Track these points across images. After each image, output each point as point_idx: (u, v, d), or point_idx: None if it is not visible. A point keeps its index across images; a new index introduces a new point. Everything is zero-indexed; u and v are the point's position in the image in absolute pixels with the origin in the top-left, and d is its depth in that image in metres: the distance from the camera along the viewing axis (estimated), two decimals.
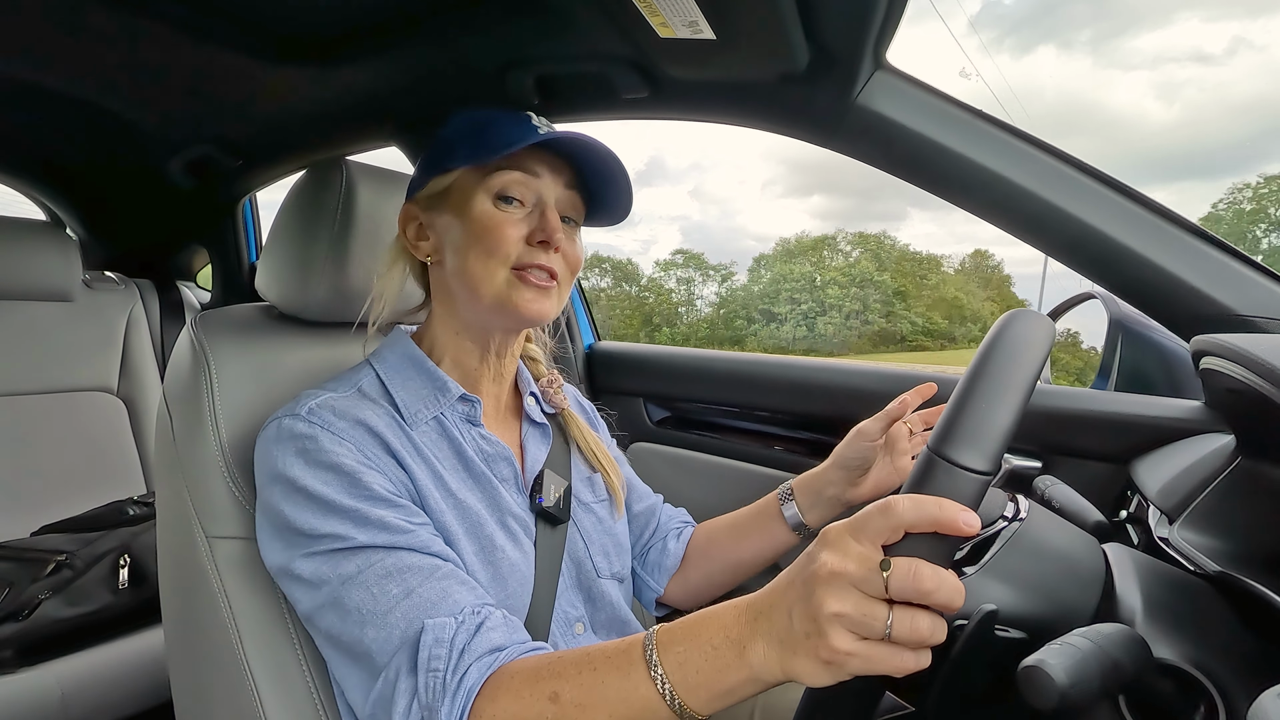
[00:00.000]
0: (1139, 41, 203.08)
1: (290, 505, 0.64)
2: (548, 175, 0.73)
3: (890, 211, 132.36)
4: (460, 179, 0.73)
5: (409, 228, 0.77)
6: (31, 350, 1.59)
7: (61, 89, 1.33)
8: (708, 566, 0.94)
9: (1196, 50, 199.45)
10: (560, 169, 0.74)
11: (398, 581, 0.61)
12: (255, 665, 0.70)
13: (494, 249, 0.70)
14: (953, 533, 0.43)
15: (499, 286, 0.71)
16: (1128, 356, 1.18)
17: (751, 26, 0.78)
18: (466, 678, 0.56)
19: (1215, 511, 0.70)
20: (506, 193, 0.72)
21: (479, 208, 0.71)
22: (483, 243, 0.71)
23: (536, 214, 0.72)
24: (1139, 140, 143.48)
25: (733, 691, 0.49)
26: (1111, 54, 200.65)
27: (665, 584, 0.94)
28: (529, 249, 0.71)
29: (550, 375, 0.88)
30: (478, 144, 0.72)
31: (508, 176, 0.71)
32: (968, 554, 0.66)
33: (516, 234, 0.71)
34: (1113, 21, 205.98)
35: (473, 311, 0.75)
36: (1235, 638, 0.56)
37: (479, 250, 0.71)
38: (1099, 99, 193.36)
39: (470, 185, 0.72)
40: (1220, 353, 0.68)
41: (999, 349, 0.50)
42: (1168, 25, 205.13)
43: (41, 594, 1.22)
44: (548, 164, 0.73)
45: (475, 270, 0.71)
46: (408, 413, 0.72)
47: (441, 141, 0.76)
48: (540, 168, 0.73)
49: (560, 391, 0.88)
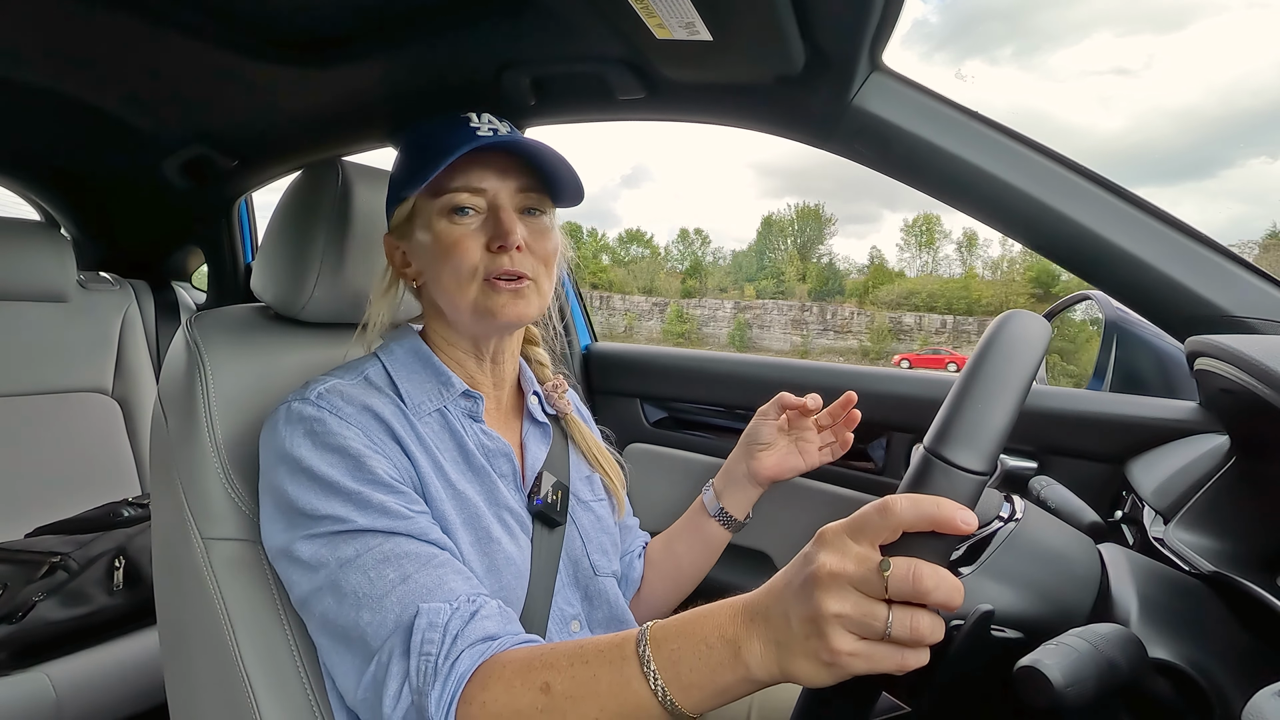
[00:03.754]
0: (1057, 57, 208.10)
1: (294, 484, 0.64)
2: (494, 181, 0.73)
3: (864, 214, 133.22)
4: (417, 202, 0.75)
5: (395, 256, 0.79)
6: (26, 351, 1.58)
7: (56, 90, 1.32)
8: (651, 575, 0.95)
9: (1117, 65, 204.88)
10: (508, 171, 0.74)
11: (395, 567, 0.61)
12: (250, 666, 0.70)
13: (459, 264, 0.72)
14: (950, 532, 0.43)
15: (473, 298, 0.72)
16: (1123, 357, 1.19)
17: (748, 28, 0.79)
18: (459, 663, 0.56)
19: (1210, 512, 0.71)
20: (456, 205, 0.72)
21: (437, 226, 0.73)
22: (449, 260, 0.72)
23: (492, 219, 0.73)
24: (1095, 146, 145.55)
25: (727, 691, 0.49)
26: (1037, 68, 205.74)
27: (630, 599, 0.95)
28: (492, 256, 0.72)
29: (556, 380, 0.89)
30: (420, 163, 0.73)
31: (456, 196, 0.72)
32: (964, 554, 0.66)
33: (476, 244, 0.72)
34: (1029, 39, 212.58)
35: (459, 323, 0.77)
36: (1230, 637, 0.56)
37: (448, 268, 0.72)
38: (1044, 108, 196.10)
39: (425, 206, 0.74)
40: (1214, 354, 0.69)
41: (995, 349, 0.50)
42: (1082, 41, 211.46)
43: (36, 595, 1.21)
44: (495, 170, 0.73)
45: (449, 287, 0.73)
46: (411, 403, 0.73)
47: (396, 171, 0.78)
48: (487, 176, 0.73)
49: (564, 397, 0.88)
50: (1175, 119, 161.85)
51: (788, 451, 0.88)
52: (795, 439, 0.89)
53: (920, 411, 1.22)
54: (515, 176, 0.74)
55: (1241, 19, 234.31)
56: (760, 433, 0.88)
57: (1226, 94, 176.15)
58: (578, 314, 1.71)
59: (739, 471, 0.90)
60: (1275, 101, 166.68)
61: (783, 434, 0.89)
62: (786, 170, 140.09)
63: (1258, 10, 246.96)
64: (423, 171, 0.72)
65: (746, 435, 0.90)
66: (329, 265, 0.82)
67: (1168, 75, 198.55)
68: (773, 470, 0.88)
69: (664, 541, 0.96)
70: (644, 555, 0.97)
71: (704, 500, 0.93)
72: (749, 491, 0.90)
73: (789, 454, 0.88)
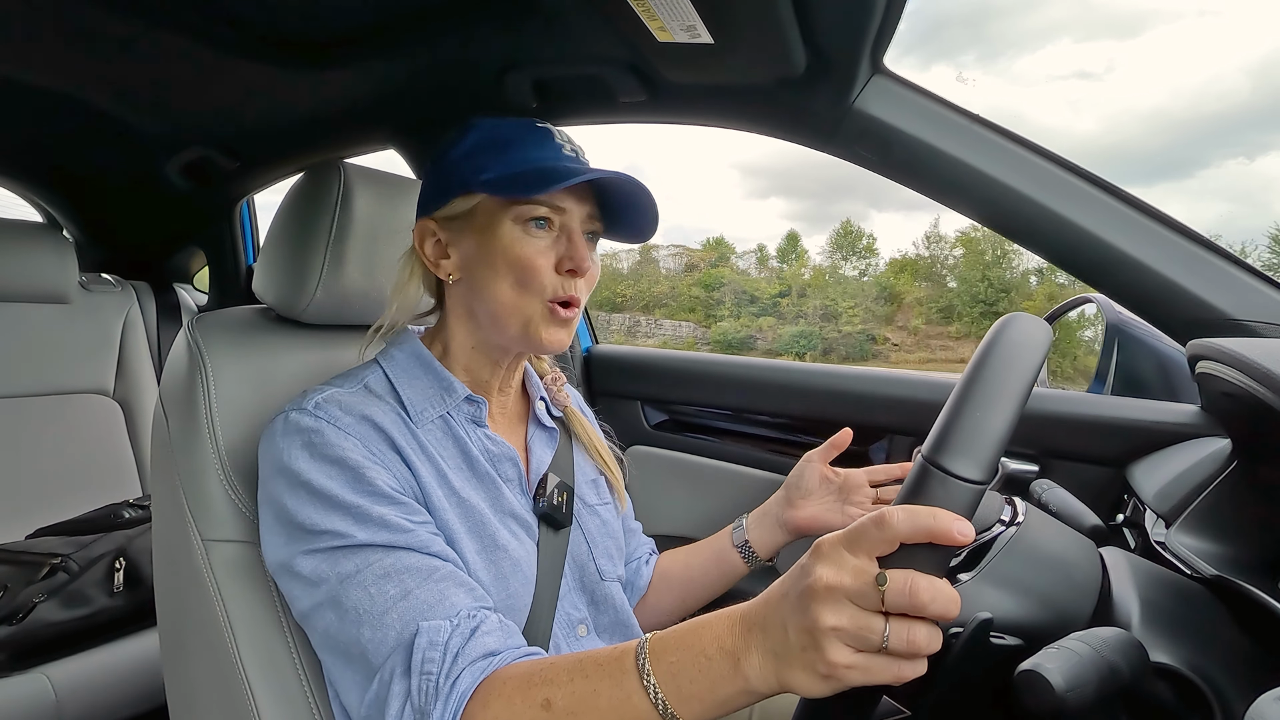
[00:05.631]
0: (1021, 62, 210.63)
1: (293, 498, 0.64)
2: (573, 202, 0.71)
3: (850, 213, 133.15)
4: (484, 202, 0.71)
5: (427, 244, 0.75)
6: (27, 352, 1.58)
7: (59, 91, 1.33)
8: (661, 587, 0.94)
9: (1080, 69, 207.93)
10: (585, 195, 0.72)
11: (395, 582, 0.60)
12: (250, 669, 0.70)
13: (528, 282, 0.69)
14: (947, 543, 0.43)
15: (529, 318, 0.70)
16: (1124, 361, 1.19)
17: (749, 31, 0.79)
18: (459, 682, 0.56)
19: (1212, 515, 0.70)
20: (536, 215, 0.70)
21: (507, 235, 0.69)
22: (515, 274, 0.69)
23: (564, 239, 0.71)
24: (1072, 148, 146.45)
25: (727, 703, 0.49)
26: (1003, 72, 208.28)
27: (634, 604, 0.94)
28: (559, 279, 0.70)
29: (554, 373, 0.88)
30: (505, 170, 0.70)
31: (538, 209, 0.69)
32: (964, 559, 0.66)
33: (547, 263, 0.70)
34: (991, 44, 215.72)
35: (493, 334, 0.74)
36: (1232, 641, 0.56)
37: (512, 281, 0.69)
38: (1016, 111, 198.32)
39: (496, 209, 0.70)
40: (1216, 357, 0.68)
41: (994, 354, 0.49)
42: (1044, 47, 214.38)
43: (37, 597, 1.21)
44: (577, 191, 0.71)
45: (506, 300, 0.70)
46: (414, 410, 0.72)
47: (462, 158, 0.73)
48: (569, 197, 0.71)
49: (563, 390, 0.87)
50: (1146, 121, 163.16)
51: (829, 508, 0.85)
52: (844, 497, 0.85)
53: (921, 413, 1.22)
54: (589, 203, 0.73)
55: (1195, 25, 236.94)
56: (805, 480, 0.86)
57: (1194, 97, 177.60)
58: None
59: (772, 512, 0.88)
60: (1242, 104, 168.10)
61: (829, 487, 0.86)
62: (771, 170, 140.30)
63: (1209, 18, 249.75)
64: (517, 183, 0.68)
65: (790, 478, 0.88)
66: (331, 267, 0.82)
67: (1131, 79, 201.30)
68: (807, 522, 0.85)
69: (682, 557, 0.95)
70: (654, 565, 0.96)
71: (732, 529, 0.91)
72: (777, 535, 0.88)
73: (830, 510, 0.85)
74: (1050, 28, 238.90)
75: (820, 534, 0.85)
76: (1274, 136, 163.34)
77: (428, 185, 0.77)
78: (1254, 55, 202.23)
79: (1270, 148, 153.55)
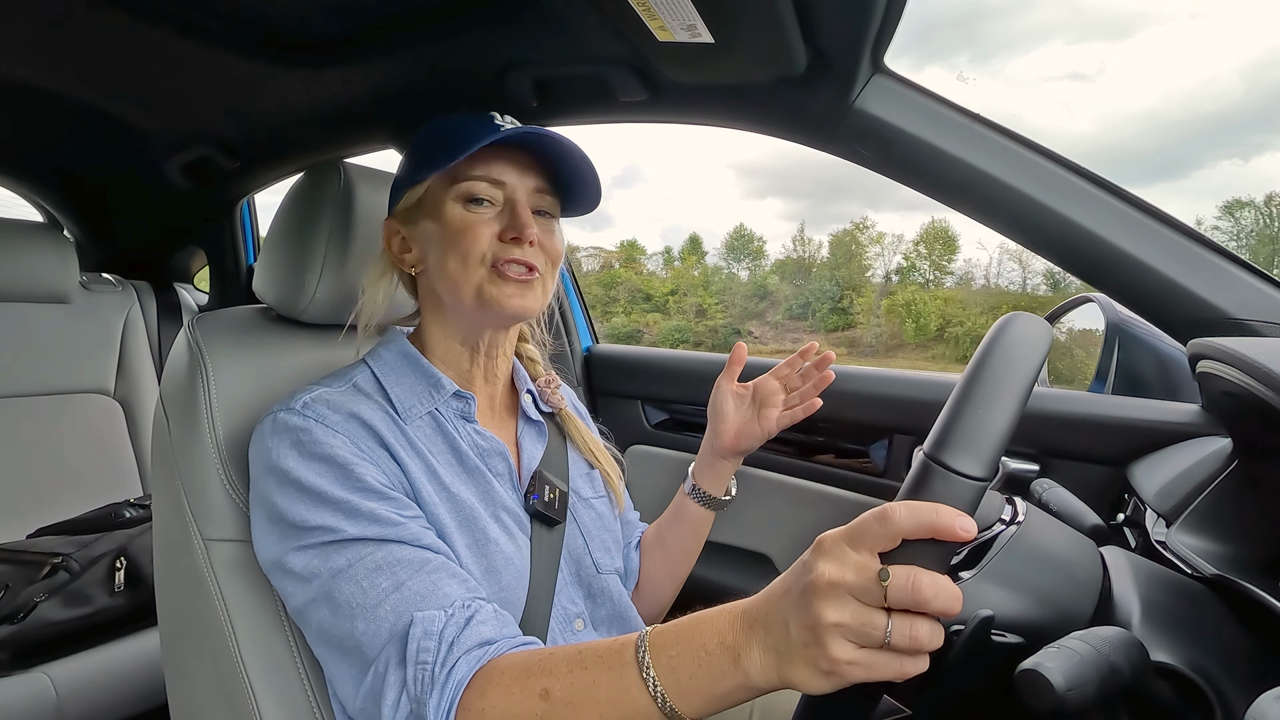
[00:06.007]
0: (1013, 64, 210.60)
1: (283, 496, 0.64)
2: (514, 177, 0.74)
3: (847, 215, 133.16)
4: (431, 187, 0.75)
5: (393, 242, 0.79)
6: (28, 352, 1.58)
7: (59, 90, 1.33)
8: (645, 562, 0.96)
9: (1072, 70, 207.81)
10: (527, 169, 0.75)
11: (387, 575, 0.61)
12: (251, 668, 0.70)
13: (469, 249, 0.72)
14: (949, 539, 0.43)
15: (478, 284, 0.72)
16: (1125, 360, 1.18)
17: (749, 30, 0.79)
18: (455, 671, 0.56)
19: (1212, 514, 0.70)
20: (474, 194, 0.73)
21: (450, 212, 0.73)
22: (458, 245, 0.72)
23: (507, 211, 0.73)
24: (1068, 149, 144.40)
25: (727, 697, 0.49)
26: (996, 74, 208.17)
27: (631, 591, 0.95)
28: (503, 245, 0.72)
29: (548, 376, 0.89)
30: (443, 149, 0.73)
31: (474, 185, 0.73)
32: (965, 558, 0.66)
33: (489, 232, 0.72)
34: (983, 46, 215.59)
35: (458, 313, 0.76)
36: (1232, 641, 0.56)
37: (455, 252, 0.72)
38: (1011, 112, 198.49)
39: (440, 192, 0.74)
40: (1216, 356, 0.68)
41: (995, 353, 0.50)
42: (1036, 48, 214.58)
43: (38, 596, 1.21)
44: (515, 166, 0.74)
45: (454, 271, 0.72)
46: (402, 408, 0.73)
47: (411, 154, 0.78)
48: (507, 171, 0.74)
49: (558, 392, 0.88)
50: (1140, 122, 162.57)
51: (747, 420, 0.87)
52: (759, 406, 0.87)
53: (922, 413, 1.22)
54: (534, 176, 0.75)
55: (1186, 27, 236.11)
56: (718, 404, 0.88)
57: (1187, 99, 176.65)
58: (579, 315, 1.71)
59: (708, 449, 0.90)
60: (1235, 106, 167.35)
61: (742, 402, 0.88)
62: (768, 170, 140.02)
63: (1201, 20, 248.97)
64: (445, 155, 0.72)
65: (709, 410, 0.90)
66: (331, 266, 0.82)
67: (1124, 81, 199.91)
68: (732, 441, 0.87)
69: (654, 528, 0.97)
70: (639, 545, 0.98)
71: (683, 481, 0.93)
72: (718, 466, 0.90)
73: (748, 422, 0.87)
74: (1042, 29, 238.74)
75: (748, 447, 0.87)
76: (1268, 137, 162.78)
77: (391, 190, 0.80)
78: (1247, 56, 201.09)
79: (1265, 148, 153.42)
